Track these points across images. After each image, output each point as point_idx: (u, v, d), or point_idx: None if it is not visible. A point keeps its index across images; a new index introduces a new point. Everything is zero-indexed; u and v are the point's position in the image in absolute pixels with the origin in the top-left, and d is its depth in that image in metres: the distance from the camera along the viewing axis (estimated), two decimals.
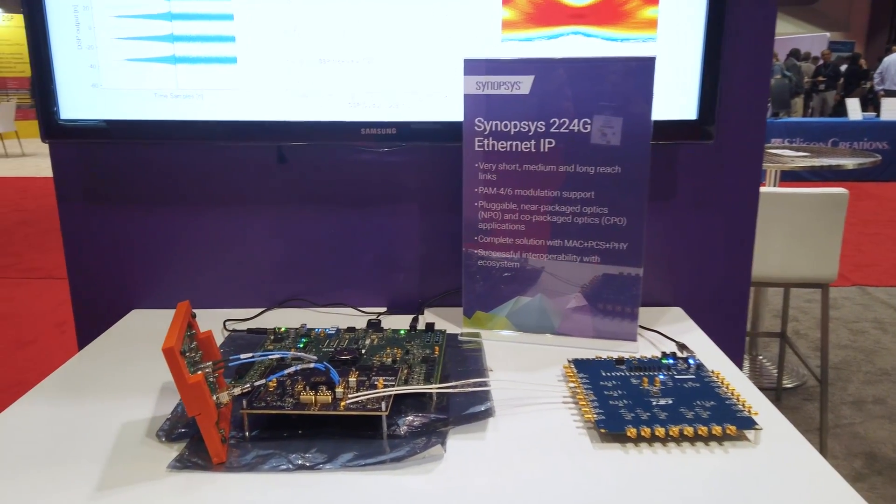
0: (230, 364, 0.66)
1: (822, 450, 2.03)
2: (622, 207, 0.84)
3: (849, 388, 2.48)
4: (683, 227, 0.98)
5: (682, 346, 0.81)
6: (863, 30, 13.35)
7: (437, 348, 0.81)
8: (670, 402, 0.69)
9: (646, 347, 0.85)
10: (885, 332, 2.98)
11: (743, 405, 0.68)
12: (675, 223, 0.97)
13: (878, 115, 6.76)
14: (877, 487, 1.92)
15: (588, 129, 0.83)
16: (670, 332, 0.90)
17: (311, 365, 0.66)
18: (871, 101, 8.63)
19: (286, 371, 0.65)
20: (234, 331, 0.90)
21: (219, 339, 0.88)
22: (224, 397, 0.63)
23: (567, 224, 0.86)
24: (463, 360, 0.82)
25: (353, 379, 0.68)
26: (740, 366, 0.90)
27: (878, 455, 2.06)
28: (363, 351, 0.81)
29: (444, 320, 0.96)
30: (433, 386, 0.71)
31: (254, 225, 0.98)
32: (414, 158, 0.96)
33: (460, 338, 0.89)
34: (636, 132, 0.82)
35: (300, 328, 0.88)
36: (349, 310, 0.99)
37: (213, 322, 0.94)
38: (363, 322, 0.93)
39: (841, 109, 8.28)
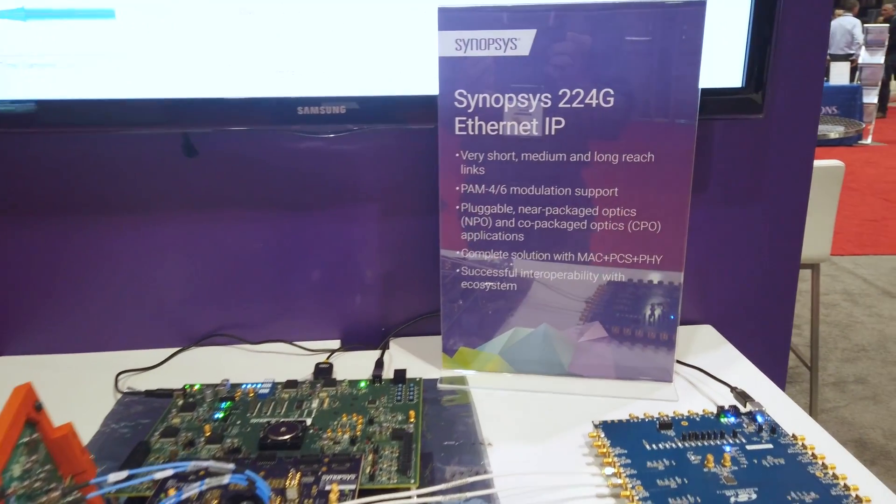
0: (94, 495, 0.42)
1: None
2: (656, 208, 0.63)
3: (828, 367, 2.37)
4: (717, 225, 0.77)
5: (742, 396, 0.61)
6: None
7: (412, 413, 0.59)
8: (753, 496, 0.48)
9: (687, 393, 0.65)
10: (856, 304, 2.90)
11: (853, 494, 0.48)
12: (706, 220, 0.77)
13: (827, 80, 6.77)
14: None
15: (611, 103, 0.61)
16: (709, 363, 0.69)
17: (227, 480, 0.43)
18: None
19: (184, 496, 0.41)
20: (129, 392, 0.65)
21: (108, 403, 0.64)
22: None
23: (581, 232, 0.64)
24: (447, 426, 0.60)
25: (293, 487, 0.46)
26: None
27: (868, 442, 1.95)
28: (309, 423, 0.58)
29: (418, 358, 0.73)
30: (413, 495, 0.48)
31: (156, 239, 0.73)
32: (372, 146, 0.72)
33: (440, 386, 0.67)
34: (677, 105, 0.60)
35: (221, 386, 0.64)
36: (291, 347, 0.75)
37: (102, 375, 0.69)
38: (310, 366, 0.69)
39: None
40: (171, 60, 0.63)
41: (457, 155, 0.64)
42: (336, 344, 0.76)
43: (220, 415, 0.59)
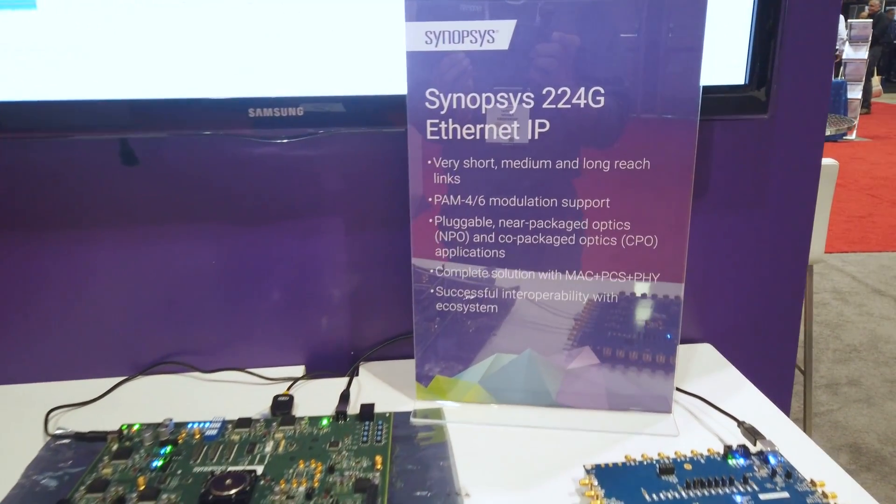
0: None
1: None
2: (653, 221, 0.56)
3: (820, 368, 2.33)
4: (716, 234, 0.71)
5: (751, 432, 0.54)
6: None
7: (378, 459, 0.51)
8: None
9: (688, 426, 0.58)
10: (847, 302, 2.86)
11: None
12: (705, 229, 0.70)
13: None
14: (868, 486, 1.75)
15: (601, 103, 0.54)
16: (710, 389, 0.63)
17: None
18: None
19: None
20: (59, 434, 0.58)
21: (35, 447, 0.56)
22: None
23: (569, 248, 0.57)
24: (420, 472, 0.52)
25: None
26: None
27: (863, 447, 1.90)
28: (260, 472, 0.50)
29: (390, 387, 0.66)
30: None
31: (95, 257, 0.65)
32: (335, 152, 0.65)
33: (413, 421, 0.60)
34: (676, 105, 0.53)
35: (162, 427, 0.56)
36: (247, 376, 0.68)
37: (30, 411, 0.61)
38: (268, 397, 0.62)
39: None
40: (102, 56, 0.56)
41: (429, 162, 0.57)
42: (300, 371, 0.69)
43: (158, 462, 0.51)
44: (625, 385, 0.60)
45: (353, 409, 0.60)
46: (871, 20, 6.23)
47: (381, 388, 0.66)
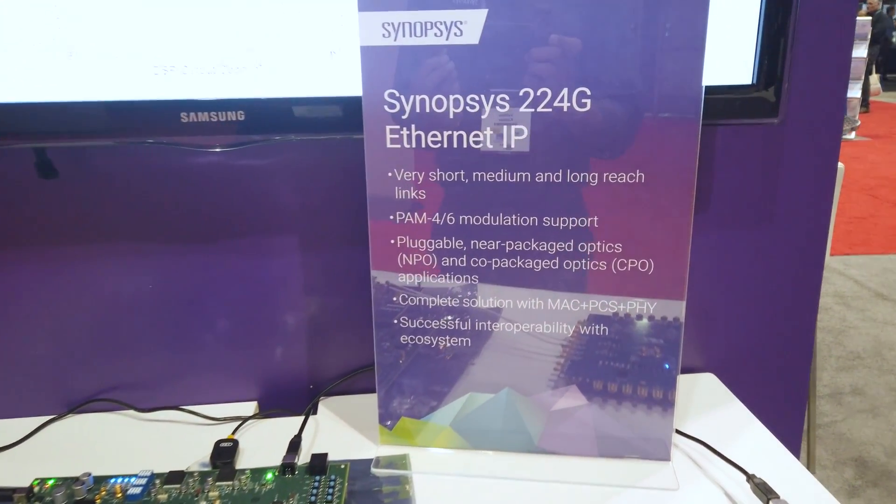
0: None
1: (810, 461, 1.78)
2: (649, 242, 0.48)
3: (823, 377, 2.25)
4: (719, 252, 0.63)
5: (763, 489, 0.46)
6: None
7: None
8: None
9: (690, 477, 0.50)
10: (849, 307, 2.79)
11: None
12: (707, 246, 0.62)
13: None
14: (874, 501, 1.68)
15: (587, 106, 0.46)
16: (714, 429, 0.55)
17: None
18: None
19: None
20: None
21: None
22: None
23: (551, 273, 0.50)
24: None
25: None
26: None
27: (869, 461, 1.82)
28: None
29: (351, 428, 0.58)
30: None
31: (13, 280, 0.57)
32: (284, 161, 0.57)
33: (375, 471, 0.52)
34: (675, 105, 0.46)
35: (79, 482, 0.48)
36: (189, 416, 0.60)
37: None
38: (210, 442, 0.54)
39: None
40: (10, 52, 0.48)
41: (389, 175, 0.49)
42: (251, 408, 0.61)
43: None
44: (617, 427, 0.52)
45: (306, 457, 0.52)
46: (871, 18, 6.16)
47: (341, 429, 0.58)
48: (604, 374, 0.52)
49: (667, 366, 0.51)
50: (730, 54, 0.54)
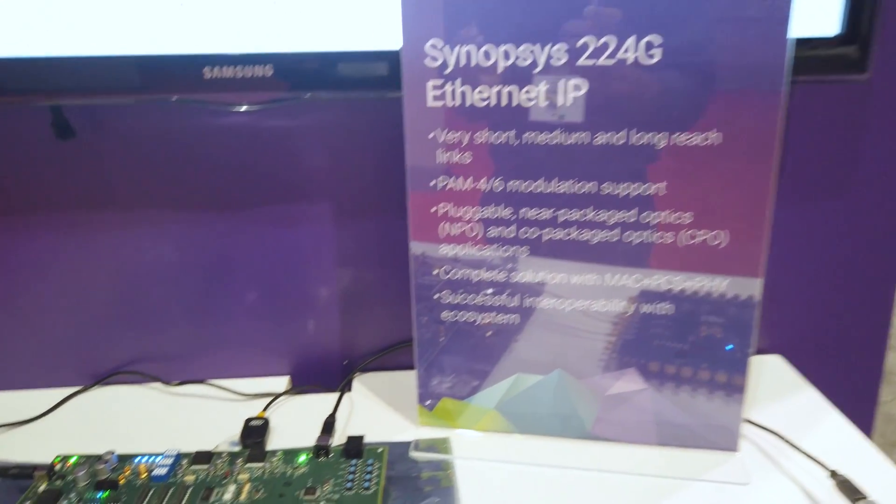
0: None
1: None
2: (722, 213, 0.43)
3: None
4: (793, 223, 0.57)
5: (846, 487, 0.42)
6: None
7: None
8: None
9: (761, 470, 0.46)
10: None
11: None
12: (779, 218, 0.57)
13: None
14: None
15: (655, 58, 0.41)
16: (785, 415, 0.51)
17: None
18: None
19: None
20: None
21: None
22: None
23: (609, 245, 0.45)
24: None
25: None
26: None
27: None
28: None
29: (389, 407, 0.55)
30: None
31: (34, 248, 0.54)
32: (318, 122, 0.53)
33: (414, 455, 0.48)
34: (758, 61, 0.40)
35: (103, 461, 0.46)
36: (218, 391, 0.57)
37: None
38: (240, 418, 0.51)
39: None
40: (21, 2, 0.44)
41: (430, 136, 0.45)
42: (283, 383, 0.58)
43: None
44: (677, 412, 0.48)
45: (340, 438, 0.49)
46: None
47: (377, 408, 0.54)
48: (666, 357, 0.47)
49: (736, 348, 0.46)
50: (813, 2, 0.47)
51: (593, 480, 0.45)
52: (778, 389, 0.55)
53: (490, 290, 0.48)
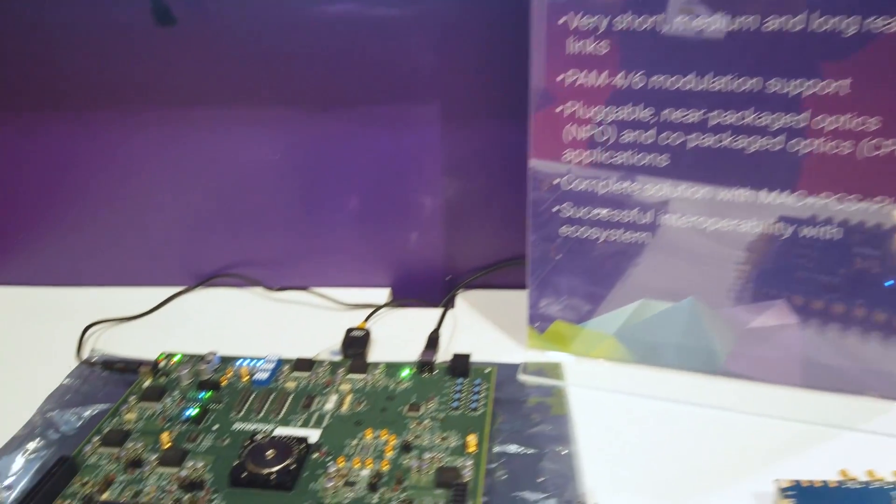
0: None
1: None
2: None
3: None
4: None
5: None
6: None
7: (471, 440, 0.37)
8: None
9: None
10: None
11: None
12: None
13: None
14: None
15: None
16: None
17: None
18: None
19: None
20: (90, 360, 0.48)
21: (63, 371, 0.46)
22: None
23: (770, 155, 0.38)
24: (528, 463, 0.38)
25: None
26: None
27: None
28: (315, 440, 0.38)
29: (495, 326, 0.51)
30: None
31: (135, 143, 0.53)
32: (427, 12, 0.47)
33: (522, 378, 0.45)
34: None
35: (205, 361, 0.45)
36: (319, 299, 0.55)
37: (67, 324, 0.51)
38: (340, 328, 0.49)
39: None
40: None
41: (561, 21, 0.39)
42: (384, 295, 0.56)
43: (192, 411, 0.40)
44: (831, 353, 0.42)
45: (445, 354, 0.46)
46: None
47: (482, 326, 0.51)
48: (818, 292, 0.41)
49: None
50: None
51: (726, 420, 0.40)
52: None
53: (619, 206, 0.42)
